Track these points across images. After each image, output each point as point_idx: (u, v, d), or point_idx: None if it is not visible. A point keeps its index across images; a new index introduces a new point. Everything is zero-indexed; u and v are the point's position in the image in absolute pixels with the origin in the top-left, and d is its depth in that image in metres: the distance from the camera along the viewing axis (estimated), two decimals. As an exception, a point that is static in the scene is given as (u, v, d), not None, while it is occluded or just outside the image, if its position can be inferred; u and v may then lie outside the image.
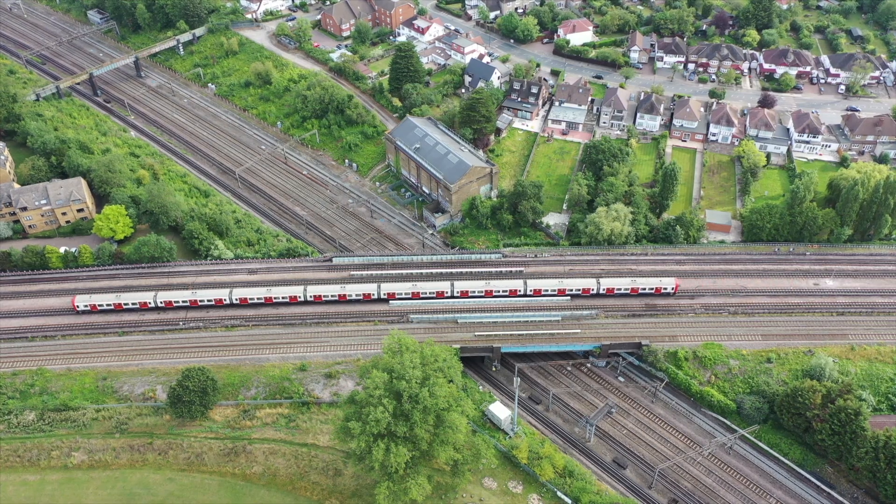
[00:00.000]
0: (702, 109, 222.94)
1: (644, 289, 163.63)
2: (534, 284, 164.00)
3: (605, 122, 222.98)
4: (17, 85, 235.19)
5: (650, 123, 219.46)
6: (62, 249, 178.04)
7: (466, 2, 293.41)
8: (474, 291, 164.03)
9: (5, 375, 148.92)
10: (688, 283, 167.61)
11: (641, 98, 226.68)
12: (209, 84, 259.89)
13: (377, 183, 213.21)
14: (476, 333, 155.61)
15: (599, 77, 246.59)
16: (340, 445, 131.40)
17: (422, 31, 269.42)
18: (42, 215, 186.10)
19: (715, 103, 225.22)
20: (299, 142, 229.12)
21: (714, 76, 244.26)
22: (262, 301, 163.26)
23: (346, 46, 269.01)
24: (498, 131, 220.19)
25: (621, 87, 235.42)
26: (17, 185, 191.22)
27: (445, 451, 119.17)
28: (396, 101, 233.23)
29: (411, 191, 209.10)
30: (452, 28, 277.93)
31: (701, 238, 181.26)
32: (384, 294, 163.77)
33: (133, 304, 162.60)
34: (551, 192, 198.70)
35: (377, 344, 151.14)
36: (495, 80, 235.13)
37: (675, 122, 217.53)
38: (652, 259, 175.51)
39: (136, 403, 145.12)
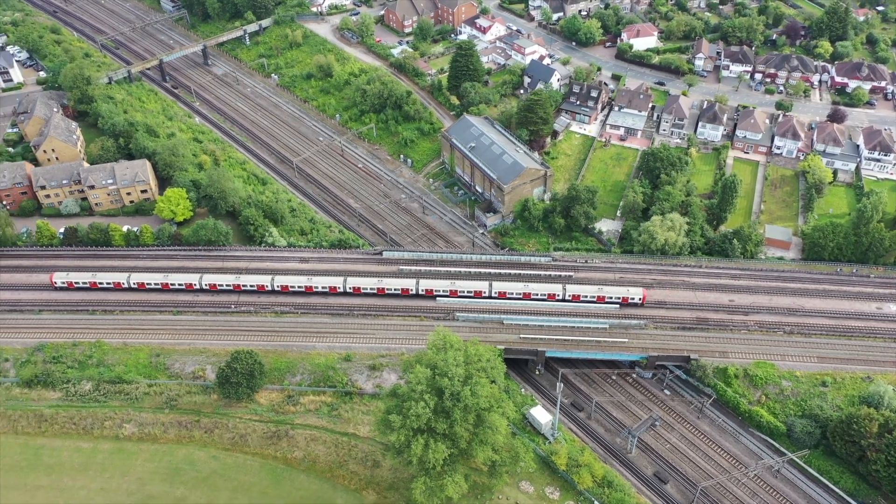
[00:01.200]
0: (767, 121, 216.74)
1: (610, 297, 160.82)
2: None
3: (664, 130, 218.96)
4: (91, 68, 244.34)
5: (712, 133, 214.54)
6: (125, 228, 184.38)
7: (530, 2, 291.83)
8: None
9: (66, 346, 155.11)
10: (742, 299, 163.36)
11: (704, 107, 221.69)
12: (272, 74, 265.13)
13: (431, 180, 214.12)
14: (521, 336, 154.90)
15: (661, 83, 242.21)
16: (380, 437, 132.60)
17: (483, 31, 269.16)
18: (108, 194, 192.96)
19: (781, 115, 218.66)
20: (356, 135, 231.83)
21: (782, 87, 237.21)
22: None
23: (407, 43, 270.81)
24: (555, 134, 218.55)
25: (684, 94, 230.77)
26: (86, 164, 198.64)
27: (484, 452, 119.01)
28: (454, 100, 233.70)
29: (464, 189, 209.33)
30: (514, 28, 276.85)
31: (758, 253, 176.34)
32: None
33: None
34: (605, 198, 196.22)
35: (422, 340, 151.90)
36: (555, 82, 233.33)
37: (739, 132, 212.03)
38: (706, 272, 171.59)
39: (186, 381, 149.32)
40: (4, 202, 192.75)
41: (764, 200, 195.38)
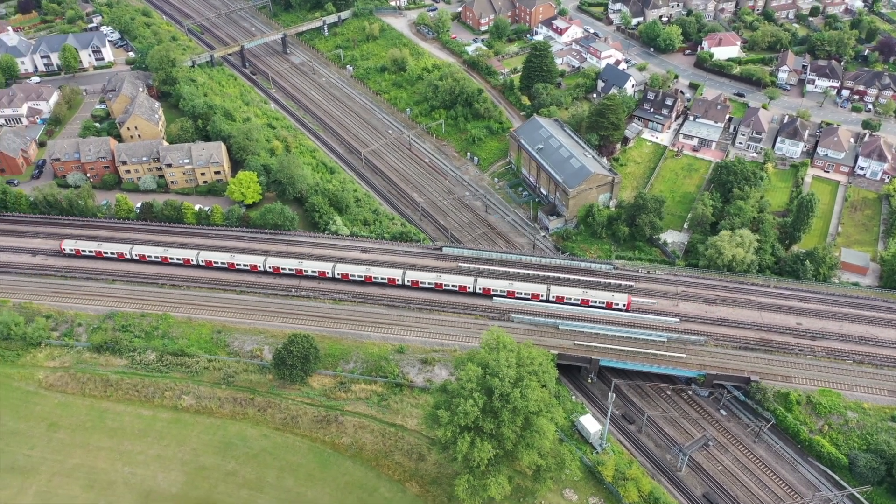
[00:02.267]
0: (851, 140, 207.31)
1: (595, 301, 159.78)
2: (483, 283, 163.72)
3: (741, 143, 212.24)
4: (177, 51, 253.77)
5: (791, 149, 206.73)
6: (197, 207, 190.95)
7: (609, 6, 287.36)
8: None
9: (135, 316, 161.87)
10: (811, 323, 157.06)
11: (785, 121, 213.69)
12: (347, 66, 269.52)
13: (496, 179, 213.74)
14: (576, 342, 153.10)
15: (741, 95, 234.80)
16: (427, 431, 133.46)
17: (560, 32, 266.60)
18: (184, 173, 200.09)
19: (868, 135, 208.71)
20: (425, 130, 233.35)
21: (870, 106, 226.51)
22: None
23: (482, 41, 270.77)
24: (625, 140, 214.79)
25: (763, 107, 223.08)
26: (165, 143, 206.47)
27: (529, 455, 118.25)
28: (525, 100, 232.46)
29: (528, 190, 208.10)
30: (591, 31, 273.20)
31: (832, 277, 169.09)
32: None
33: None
34: (673, 209, 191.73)
35: (475, 338, 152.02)
36: (629, 87, 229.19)
37: (820, 150, 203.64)
38: (774, 292, 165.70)
39: (243, 359, 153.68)
40: (88, 175, 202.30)
41: (842, 222, 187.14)
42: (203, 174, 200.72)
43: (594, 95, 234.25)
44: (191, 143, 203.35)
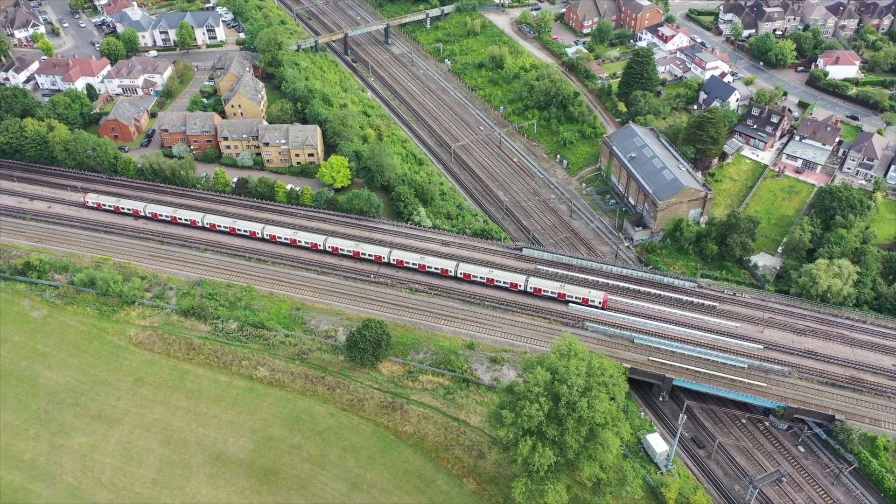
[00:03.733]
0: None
1: (571, 297, 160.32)
2: (465, 268, 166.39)
3: (849, 168, 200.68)
4: (284, 34, 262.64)
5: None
6: (288, 186, 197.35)
7: (720, 15, 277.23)
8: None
9: (221, 285, 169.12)
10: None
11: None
12: (446, 60, 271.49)
13: (583, 184, 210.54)
14: (650, 358, 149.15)
15: (854, 118, 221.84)
16: (489, 430, 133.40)
17: (665, 39, 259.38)
18: (279, 153, 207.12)
19: None
20: (517, 129, 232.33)
21: None
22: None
23: (583, 43, 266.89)
24: (723, 156, 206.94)
25: (879, 132, 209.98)
26: (265, 123, 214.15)
27: (591, 467, 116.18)
28: (622, 106, 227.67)
29: (616, 199, 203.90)
30: (698, 41, 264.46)
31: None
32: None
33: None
34: (767, 232, 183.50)
35: (547, 342, 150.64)
36: (733, 101, 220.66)
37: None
38: (870, 329, 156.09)
39: (318, 338, 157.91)
40: (192, 147, 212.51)
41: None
42: (297, 155, 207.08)
43: (695, 107, 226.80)
44: (288, 125, 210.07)
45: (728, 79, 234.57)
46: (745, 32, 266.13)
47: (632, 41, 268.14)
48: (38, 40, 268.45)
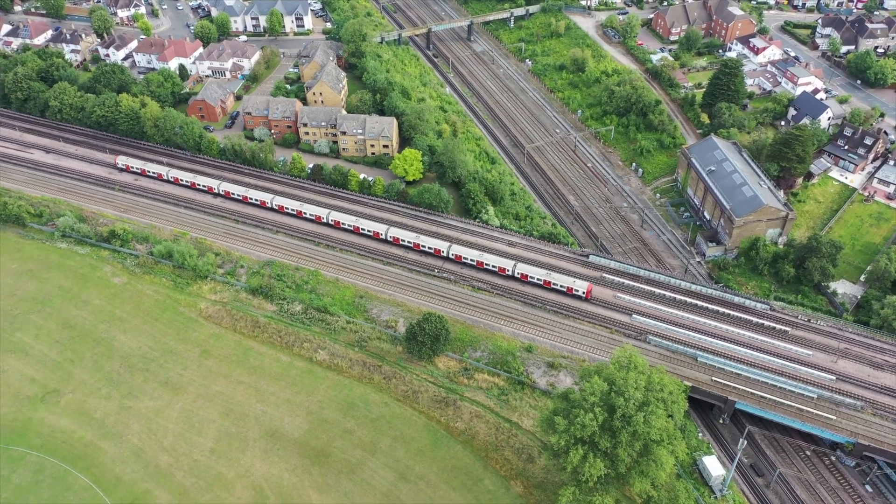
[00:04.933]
0: None
1: (557, 285, 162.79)
2: (456, 249, 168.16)
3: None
4: (369, 26, 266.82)
5: None
6: (361, 176, 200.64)
7: (818, 29, 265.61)
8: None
9: (290, 267, 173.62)
10: None
11: None
12: (527, 59, 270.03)
13: (657, 194, 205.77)
14: (713, 378, 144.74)
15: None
16: (541, 435, 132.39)
17: (756, 51, 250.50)
18: (355, 142, 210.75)
19: None
20: (593, 134, 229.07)
21: None
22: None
23: (669, 51, 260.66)
24: (809, 175, 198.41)
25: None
26: (344, 112, 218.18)
27: (642, 483, 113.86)
28: (704, 118, 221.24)
29: (690, 212, 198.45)
30: (791, 54, 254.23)
31: None
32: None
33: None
34: (850, 258, 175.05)
35: (607, 352, 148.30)
36: (824, 119, 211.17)
37: None
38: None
39: (378, 327, 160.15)
40: (272, 131, 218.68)
41: None
42: (372, 146, 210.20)
43: (782, 123, 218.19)
44: (366, 115, 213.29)
45: (821, 96, 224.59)
46: (844, 48, 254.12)
47: (720, 51, 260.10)
48: (138, 20, 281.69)
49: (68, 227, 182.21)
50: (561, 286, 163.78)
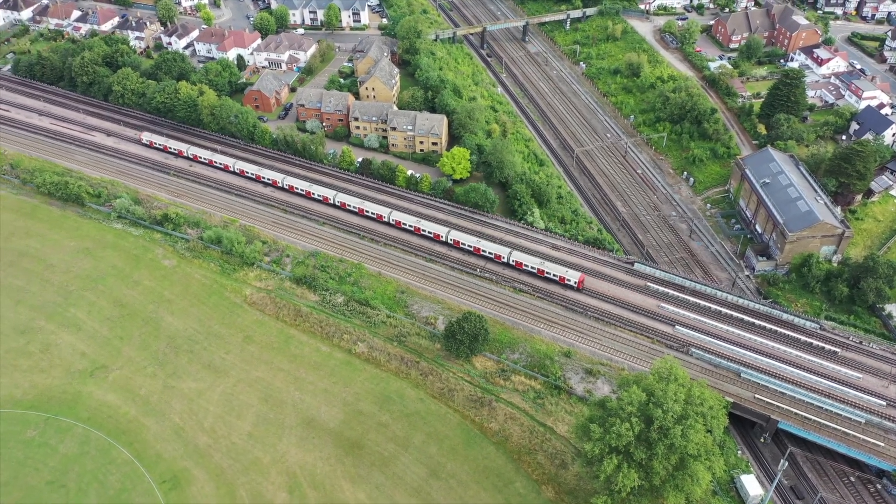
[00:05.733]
0: None
1: (549, 273, 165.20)
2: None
3: None
4: (424, 23, 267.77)
5: None
6: (409, 172, 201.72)
7: (888, 42, 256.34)
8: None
9: (334, 259, 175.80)
10: None
11: None
12: (581, 62, 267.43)
13: (708, 205, 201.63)
14: (757, 395, 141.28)
15: None
16: (575, 441, 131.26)
17: (819, 62, 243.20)
18: (405, 138, 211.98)
19: None
20: (645, 140, 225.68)
21: None
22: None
23: (728, 58, 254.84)
24: (869, 193, 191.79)
25: None
26: (395, 108, 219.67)
27: (676, 498, 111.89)
28: (761, 129, 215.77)
29: (742, 224, 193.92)
30: (857, 66, 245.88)
31: None
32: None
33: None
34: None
35: (647, 362, 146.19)
36: (888, 136, 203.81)
37: None
38: None
39: (418, 323, 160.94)
40: (324, 124, 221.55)
41: None
42: (421, 143, 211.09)
43: (843, 137, 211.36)
44: (417, 112, 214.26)
45: (887, 111, 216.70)
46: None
47: (782, 61, 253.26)
48: (200, 10, 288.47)
49: (124, 208, 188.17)
50: (554, 275, 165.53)
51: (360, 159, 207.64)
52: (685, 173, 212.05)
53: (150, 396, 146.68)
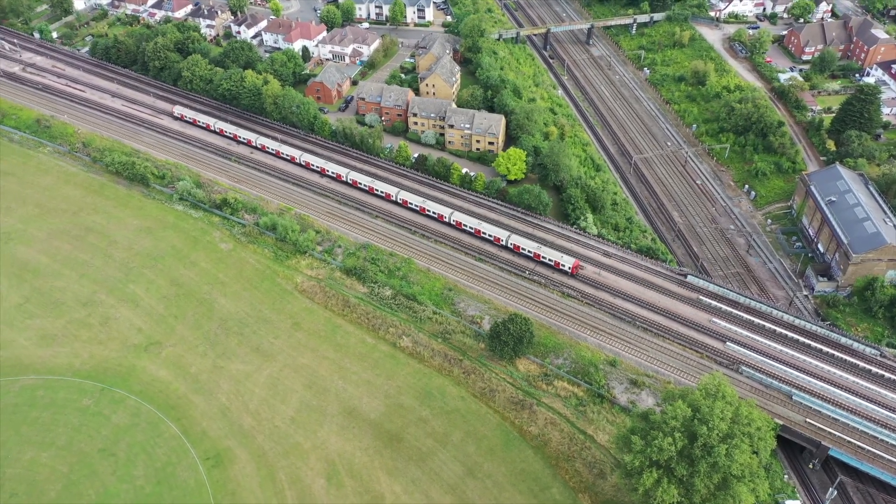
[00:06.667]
0: None
1: (545, 258, 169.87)
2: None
3: None
4: (488, 22, 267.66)
5: None
6: (464, 170, 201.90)
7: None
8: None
9: (384, 252, 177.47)
10: None
11: None
12: (645, 68, 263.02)
13: (769, 220, 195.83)
14: (808, 420, 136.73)
15: None
16: (615, 452, 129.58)
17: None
18: (461, 136, 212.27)
19: None
20: (706, 151, 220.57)
21: None
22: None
23: (799, 70, 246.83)
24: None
25: None
26: (454, 106, 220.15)
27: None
28: (830, 145, 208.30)
29: (803, 242, 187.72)
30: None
31: None
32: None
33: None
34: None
35: (694, 377, 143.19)
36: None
37: None
38: None
39: (463, 322, 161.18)
40: (383, 118, 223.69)
41: None
42: (478, 141, 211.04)
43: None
44: (475, 111, 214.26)
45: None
46: None
47: (857, 75, 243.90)
48: (269, 1, 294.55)
49: (186, 191, 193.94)
50: (549, 260, 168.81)
51: (416, 155, 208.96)
52: (746, 186, 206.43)
53: (200, 375, 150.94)
